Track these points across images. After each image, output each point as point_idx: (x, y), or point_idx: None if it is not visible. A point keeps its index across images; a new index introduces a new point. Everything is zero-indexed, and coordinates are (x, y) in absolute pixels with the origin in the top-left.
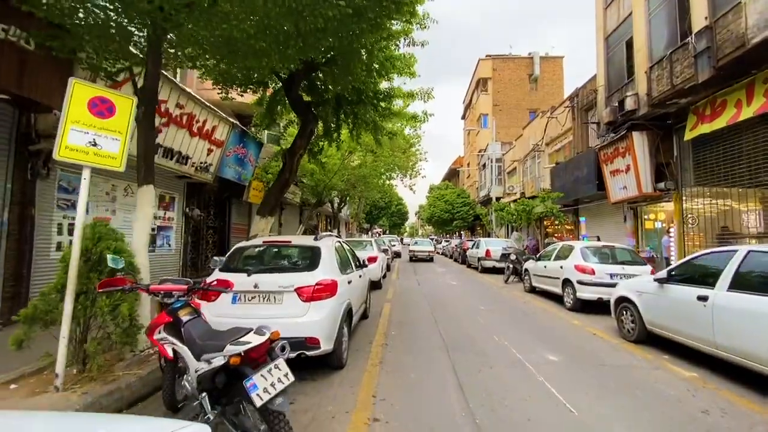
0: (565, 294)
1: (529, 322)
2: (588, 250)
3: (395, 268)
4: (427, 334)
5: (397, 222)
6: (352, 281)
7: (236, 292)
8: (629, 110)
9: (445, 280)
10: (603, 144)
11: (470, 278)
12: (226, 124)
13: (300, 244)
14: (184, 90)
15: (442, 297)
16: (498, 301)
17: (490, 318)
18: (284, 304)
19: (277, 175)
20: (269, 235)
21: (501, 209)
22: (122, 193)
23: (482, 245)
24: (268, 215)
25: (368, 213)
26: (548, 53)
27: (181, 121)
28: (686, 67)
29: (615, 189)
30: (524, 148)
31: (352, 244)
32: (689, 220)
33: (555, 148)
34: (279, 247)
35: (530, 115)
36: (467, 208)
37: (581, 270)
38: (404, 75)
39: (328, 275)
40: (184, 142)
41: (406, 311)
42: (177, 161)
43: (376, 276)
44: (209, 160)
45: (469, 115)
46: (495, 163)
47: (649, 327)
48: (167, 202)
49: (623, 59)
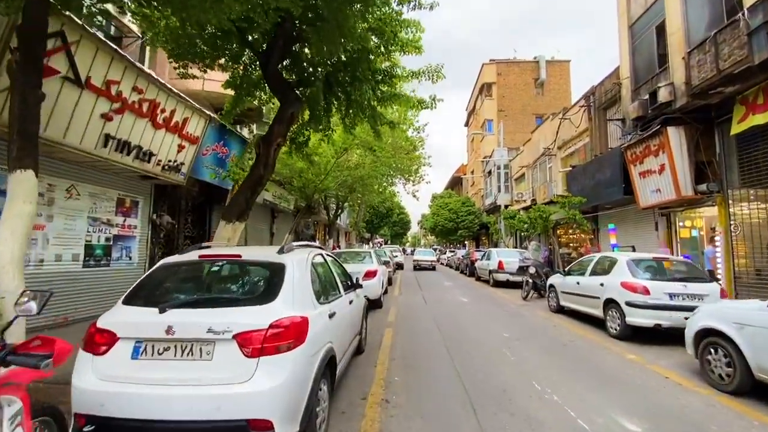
0: (609, 318)
1: (573, 357)
2: (637, 264)
3: (397, 281)
4: (443, 380)
5: (399, 231)
6: (338, 312)
7: (140, 341)
8: (663, 102)
9: (454, 297)
10: (630, 143)
11: (482, 294)
12: (200, 116)
13: (255, 259)
14: (143, 71)
15: (454, 319)
16: (522, 325)
17: (520, 351)
18: (215, 361)
19: (249, 171)
20: (231, 246)
21: (511, 217)
22: (63, 195)
23: (494, 256)
24: (236, 220)
25: (368, 222)
26: (554, 57)
27: (141, 109)
28: (737, 47)
29: (646, 192)
30: (534, 153)
31: (348, 256)
32: (732, 227)
33: (568, 152)
34: (222, 264)
35: (536, 120)
36: (472, 216)
37: (631, 288)
38: (409, 51)
39: (295, 310)
40: (146, 134)
41: (412, 341)
42: (137, 157)
43: (375, 294)
44: (180, 159)
45: (472, 122)
46: (502, 169)
47: (759, 375)
48: (128, 206)
49: (653, 47)
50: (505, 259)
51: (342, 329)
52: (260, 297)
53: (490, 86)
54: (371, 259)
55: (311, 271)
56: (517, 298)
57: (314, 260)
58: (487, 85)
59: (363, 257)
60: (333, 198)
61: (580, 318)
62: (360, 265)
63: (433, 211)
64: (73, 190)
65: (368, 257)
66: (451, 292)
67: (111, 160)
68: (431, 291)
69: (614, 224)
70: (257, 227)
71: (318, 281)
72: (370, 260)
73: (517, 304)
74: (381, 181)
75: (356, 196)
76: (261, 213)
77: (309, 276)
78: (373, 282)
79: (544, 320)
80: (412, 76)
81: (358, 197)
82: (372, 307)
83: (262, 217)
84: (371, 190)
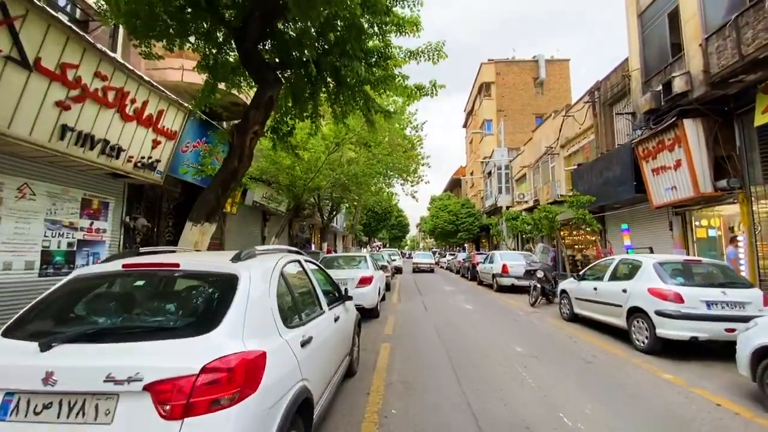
0: (635, 329)
1: (600, 379)
2: (665, 267)
3: (396, 287)
4: (450, 412)
5: (398, 235)
6: (317, 336)
7: (10, 393)
8: (679, 93)
9: (457, 303)
10: (641, 138)
11: (487, 300)
12: (178, 109)
13: (197, 270)
14: (107, 55)
15: (458, 330)
16: (535, 337)
17: (538, 371)
18: (116, 426)
19: (222, 164)
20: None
21: (514, 218)
22: (14, 194)
23: (497, 259)
24: (205, 221)
25: (366, 225)
26: (553, 56)
27: (105, 98)
28: (761, 30)
29: (659, 190)
30: (535, 153)
31: (342, 261)
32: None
33: (572, 150)
34: (151, 276)
35: (536, 120)
36: (472, 219)
37: (660, 296)
38: (406, 31)
39: (246, 342)
40: (113, 127)
41: (412, 359)
42: (103, 153)
43: (371, 302)
44: (156, 156)
45: (471, 123)
46: (503, 169)
47: None
48: (95, 208)
49: (665, 35)
50: (509, 262)
51: (323, 357)
52: (195, 324)
53: (488, 86)
54: (366, 264)
55: (279, 285)
56: (524, 304)
57: (285, 270)
58: (486, 85)
59: (358, 262)
60: (327, 199)
61: (598, 328)
62: (354, 271)
63: (432, 214)
64: (27, 189)
65: (363, 262)
66: (453, 298)
67: (71, 156)
68: (432, 297)
69: (627, 224)
70: (248, 231)
71: (289, 298)
72: (366, 265)
73: (525, 312)
74: (377, 180)
75: (352, 197)
76: (251, 216)
77: (274, 291)
78: (368, 289)
79: (558, 331)
80: (409, 57)
81: (354, 199)
82: (367, 317)
83: (252, 220)
84: (366, 189)
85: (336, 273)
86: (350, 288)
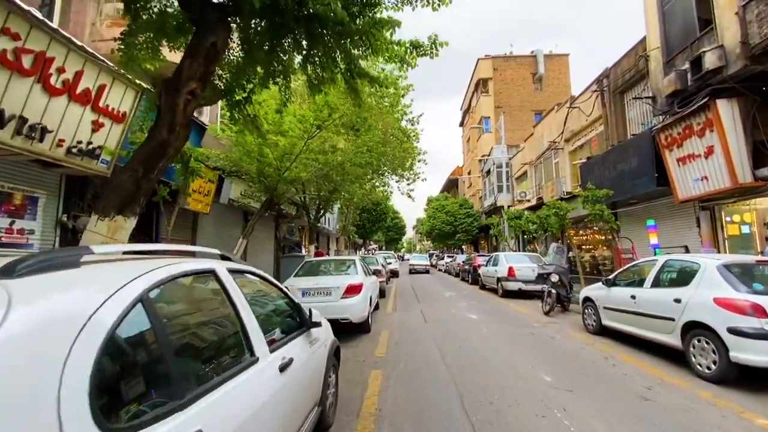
0: (695, 350)
1: (672, 428)
2: (734, 271)
3: (392, 293)
4: None
5: (394, 237)
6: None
7: None
8: (711, 70)
9: (460, 312)
10: (663, 124)
11: (494, 308)
12: (128, 87)
13: None
14: (18, 6)
15: (467, 350)
16: (563, 359)
17: (581, 415)
18: None
19: (147, 136)
20: None
21: (517, 217)
22: None
23: (502, 261)
24: (117, 213)
25: (360, 226)
26: (552, 51)
27: (19, 63)
28: None
29: (686, 182)
30: (537, 149)
31: (327, 266)
32: None
33: (578, 144)
34: None
35: (536, 117)
36: (471, 219)
37: (733, 308)
38: None
39: None
40: (32, 101)
41: (410, 398)
42: (19, 133)
43: (360, 316)
44: (98, 141)
45: (468, 121)
46: (503, 168)
47: None
48: (18, 204)
49: (690, 7)
50: (516, 264)
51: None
52: None
53: (486, 82)
54: (356, 269)
55: (111, 344)
56: (535, 311)
57: (158, 298)
58: (483, 81)
59: (346, 267)
60: (314, 197)
61: (635, 343)
62: (339, 278)
63: (429, 214)
64: None
65: (352, 267)
66: (455, 306)
67: None
68: (431, 304)
69: (653, 220)
70: (227, 233)
71: (144, 362)
72: (354, 271)
73: (540, 322)
74: (368, 174)
75: (341, 195)
76: (230, 216)
77: (84, 360)
78: (356, 300)
79: (587, 348)
80: (404, 2)
81: (345, 197)
82: (356, 332)
83: (231, 222)
84: (355, 181)
85: (317, 281)
86: (335, 298)
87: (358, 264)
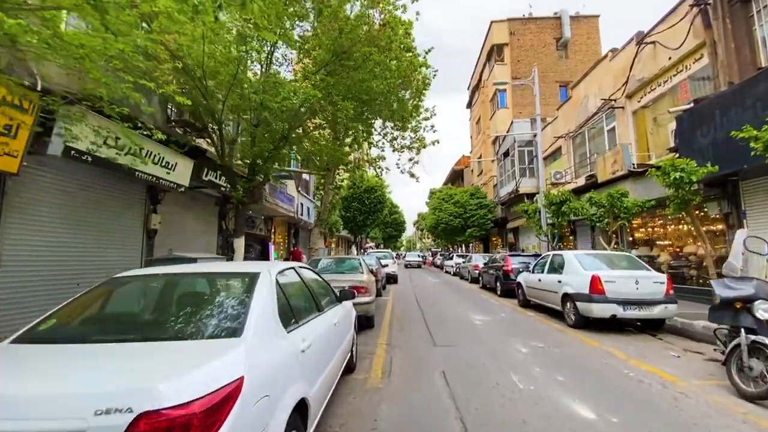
0: None
1: None
2: None
3: (388, 310)
4: None
5: (393, 234)
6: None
7: None
8: None
9: (523, 375)
10: None
11: (587, 362)
12: None
13: None
14: None
15: None
16: None
17: None
18: None
19: None
20: None
21: (559, 202)
22: None
23: (574, 266)
24: None
25: (350, 219)
26: (579, 13)
27: None
28: None
29: None
30: (575, 117)
31: None
32: None
33: (651, 96)
34: None
35: (561, 89)
36: (484, 210)
37: None
38: None
39: None
40: None
41: None
42: None
43: None
44: None
45: (478, 98)
46: (525, 146)
47: None
48: None
49: None
50: (604, 273)
51: None
52: None
53: (501, 48)
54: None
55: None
56: (687, 373)
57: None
58: (498, 48)
59: None
60: (246, 149)
61: None
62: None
63: (434, 206)
64: None
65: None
66: (503, 352)
67: None
68: (458, 352)
69: None
70: (120, 224)
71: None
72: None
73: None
74: (346, 106)
75: (293, 147)
76: (120, 193)
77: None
78: None
79: None
80: None
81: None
82: None
83: (125, 202)
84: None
85: None
86: None
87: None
